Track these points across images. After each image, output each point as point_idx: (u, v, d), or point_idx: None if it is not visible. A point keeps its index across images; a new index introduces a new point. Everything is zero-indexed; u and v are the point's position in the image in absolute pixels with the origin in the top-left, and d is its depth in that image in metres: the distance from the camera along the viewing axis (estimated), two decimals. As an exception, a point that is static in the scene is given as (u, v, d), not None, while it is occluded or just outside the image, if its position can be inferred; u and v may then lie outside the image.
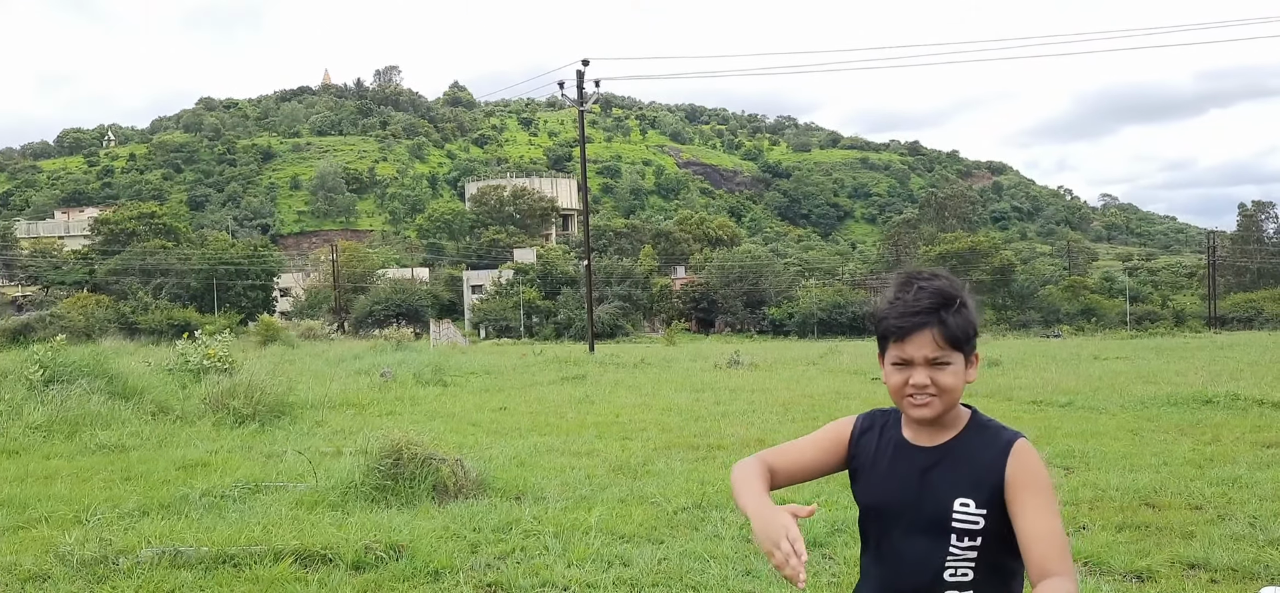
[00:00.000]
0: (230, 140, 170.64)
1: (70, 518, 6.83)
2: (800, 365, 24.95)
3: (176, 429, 11.56)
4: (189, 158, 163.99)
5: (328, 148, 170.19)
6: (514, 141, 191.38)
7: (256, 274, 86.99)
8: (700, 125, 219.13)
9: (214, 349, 17.80)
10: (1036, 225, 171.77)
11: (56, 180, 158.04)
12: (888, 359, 2.09)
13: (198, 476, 8.56)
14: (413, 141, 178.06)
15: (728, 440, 10.95)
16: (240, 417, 12.23)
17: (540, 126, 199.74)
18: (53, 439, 10.64)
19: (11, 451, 10.02)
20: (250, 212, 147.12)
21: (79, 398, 12.19)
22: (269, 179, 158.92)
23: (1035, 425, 11.87)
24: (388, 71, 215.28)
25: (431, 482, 7.96)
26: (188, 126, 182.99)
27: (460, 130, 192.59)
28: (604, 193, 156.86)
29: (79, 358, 14.33)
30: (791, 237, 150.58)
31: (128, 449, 10.14)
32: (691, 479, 8.46)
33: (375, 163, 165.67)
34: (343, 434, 11.56)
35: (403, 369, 21.00)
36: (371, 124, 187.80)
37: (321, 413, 13.80)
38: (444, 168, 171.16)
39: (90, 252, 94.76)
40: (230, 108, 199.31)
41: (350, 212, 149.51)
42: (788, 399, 15.66)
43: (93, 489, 7.88)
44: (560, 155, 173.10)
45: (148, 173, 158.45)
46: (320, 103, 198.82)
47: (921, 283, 2.08)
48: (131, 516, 6.92)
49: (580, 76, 32.93)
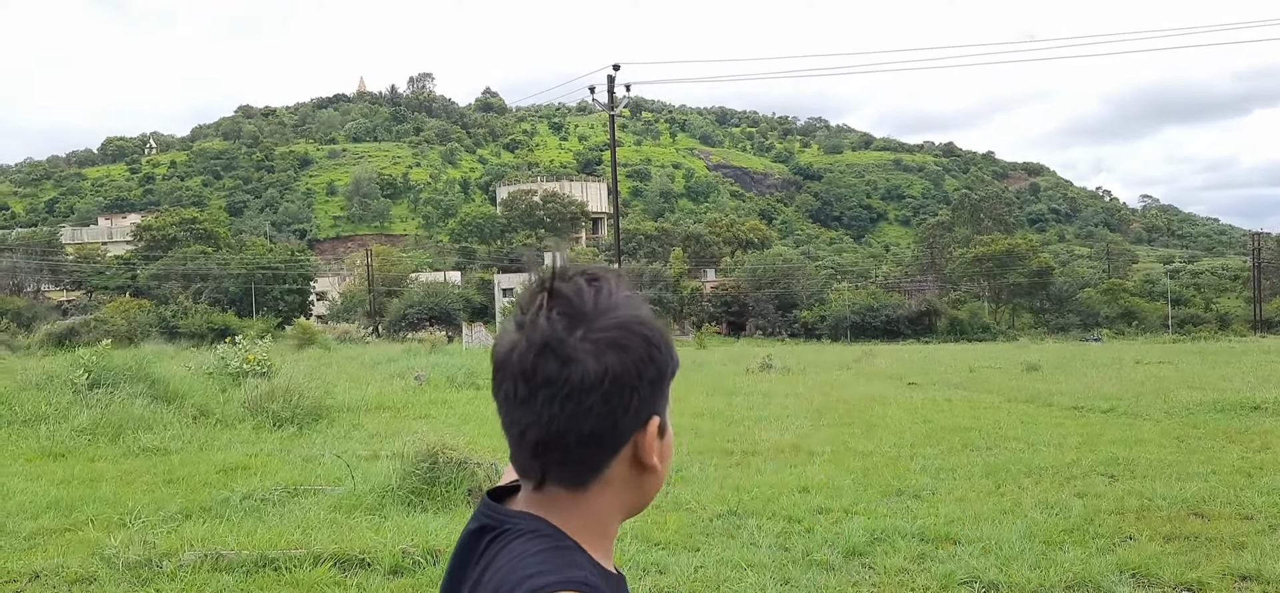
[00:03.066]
0: (268, 147, 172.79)
1: (115, 520, 6.92)
2: (834, 370, 24.80)
3: (217, 433, 11.70)
4: (228, 164, 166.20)
5: (363, 154, 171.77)
6: (544, 146, 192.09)
7: (293, 278, 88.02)
8: (730, 128, 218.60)
9: (253, 353, 18.00)
10: (1074, 227, 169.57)
11: (100, 187, 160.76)
12: (666, 415, 1.14)
13: (238, 479, 8.65)
14: (445, 147, 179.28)
15: (762, 446, 10.89)
16: (279, 420, 12.35)
17: (570, 131, 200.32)
18: (98, 442, 10.81)
19: (58, 453, 10.19)
20: (288, 217, 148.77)
21: (123, 402, 12.38)
22: (306, 185, 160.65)
23: (1077, 432, 11.70)
24: (421, 79, 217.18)
25: (467, 486, 7.99)
26: (227, 134, 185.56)
27: (492, 135, 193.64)
28: (634, 196, 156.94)
29: (122, 362, 14.56)
30: (823, 239, 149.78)
31: (170, 452, 10.27)
32: (726, 486, 8.42)
33: (409, 168, 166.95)
34: (379, 438, 11.64)
35: (436, 372, 21.12)
36: (405, 130, 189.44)
37: (358, 416, 13.91)
38: (476, 173, 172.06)
39: (132, 257, 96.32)
40: (268, 115, 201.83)
41: (384, 216, 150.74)
42: (822, 404, 15.55)
43: (136, 492, 7.99)
44: (590, 159, 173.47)
45: (188, 179, 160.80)
46: (356, 110, 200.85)
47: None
48: (174, 518, 7.02)
49: (611, 81, 32.98)
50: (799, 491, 8.19)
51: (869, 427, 12.62)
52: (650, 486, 1.13)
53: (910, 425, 12.68)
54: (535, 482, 1.10)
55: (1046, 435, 11.42)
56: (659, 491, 1.16)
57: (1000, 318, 77.33)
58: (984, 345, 51.13)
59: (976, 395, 17.08)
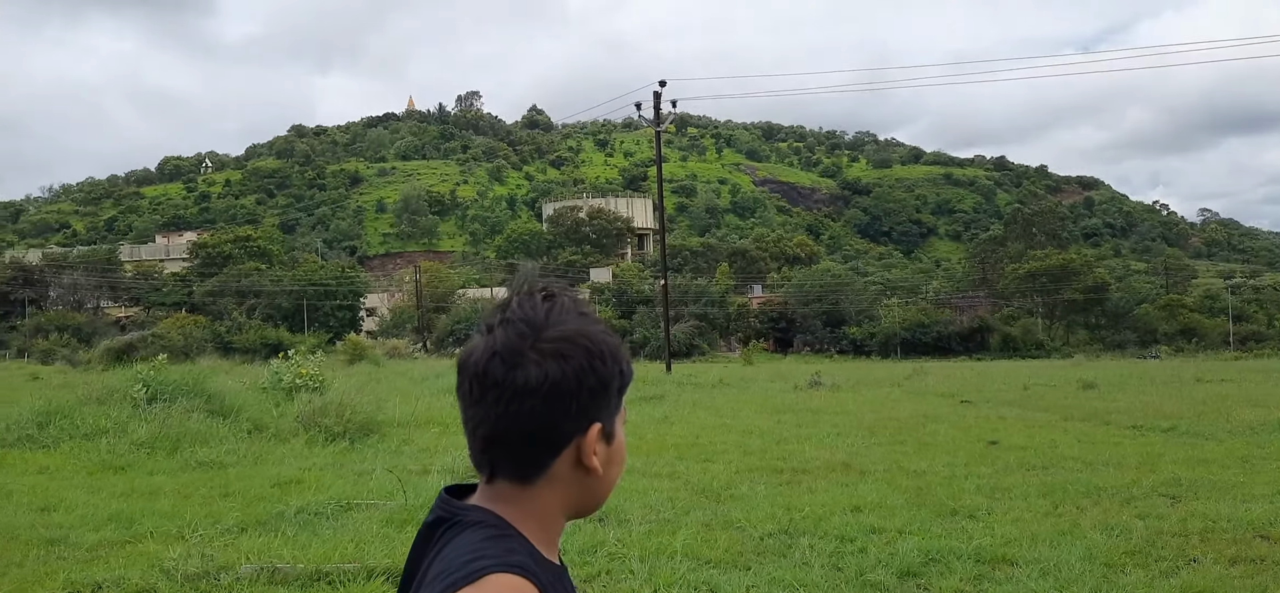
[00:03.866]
0: (320, 166, 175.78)
1: (173, 533, 7.05)
2: (884, 387, 24.52)
3: (271, 447, 11.88)
4: (281, 183, 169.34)
5: (411, 172, 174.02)
6: (590, 162, 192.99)
7: (344, 295, 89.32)
8: (777, 143, 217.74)
9: (305, 369, 18.24)
10: (1130, 242, 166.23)
11: (158, 206, 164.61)
12: (620, 418, 1.28)
13: (292, 493, 8.76)
14: (492, 164, 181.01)
15: (812, 465, 10.79)
16: (331, 435, 12.50)
17: (616, 147, 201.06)
18: (156, 456, 11.02)
19: (118, 466, 10.41)
20: (338, 234, 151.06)
21: (180, 416, 12.62)
22: (356, 203, 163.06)
23: (1136, 452, 11.44)
24: (468, 97, 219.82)
25: (517, 502, 8.03)
26: (280, 153, 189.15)
27: (538, 152, 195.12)
28: (679, 212, 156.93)
29: (179, 377, 14.86)
30: (872, 255, 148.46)
31: (226, 466, 10.44)
32: (776, 504, 8.34)
33: (456, 185, 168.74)
34: (429, 453, 11.72)
35: (485, 388, 21.20)
36: (453, 148, 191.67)
37: (408, 431, 14.03)
38: (522, 189, 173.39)
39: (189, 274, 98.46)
40: (320, 134, 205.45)
41: (432, 233, 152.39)
42: (873, 422, 15.38)
43: (194, 505, 8.13)
44: (635, 175, 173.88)
45: (242, 198, 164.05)
46: (405, 128, 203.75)
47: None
48: (231, 532, 7.12)
49: (657, 98, 33.07)
50: (851, 510, 8.09)
51: (921, 445, 12.45)
52: (596, 487, 1.23)
53: (964, 444, 12.48)
54: (486, 476, 1.21)
55: (1105, 455, 11.18)
56: (608, 493, 1.26)
57: (1054, 335, 75.95)
58: (1038, 363, 50.27)
59: (1031, 414, 16.78)
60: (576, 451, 1.19)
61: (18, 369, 44.21)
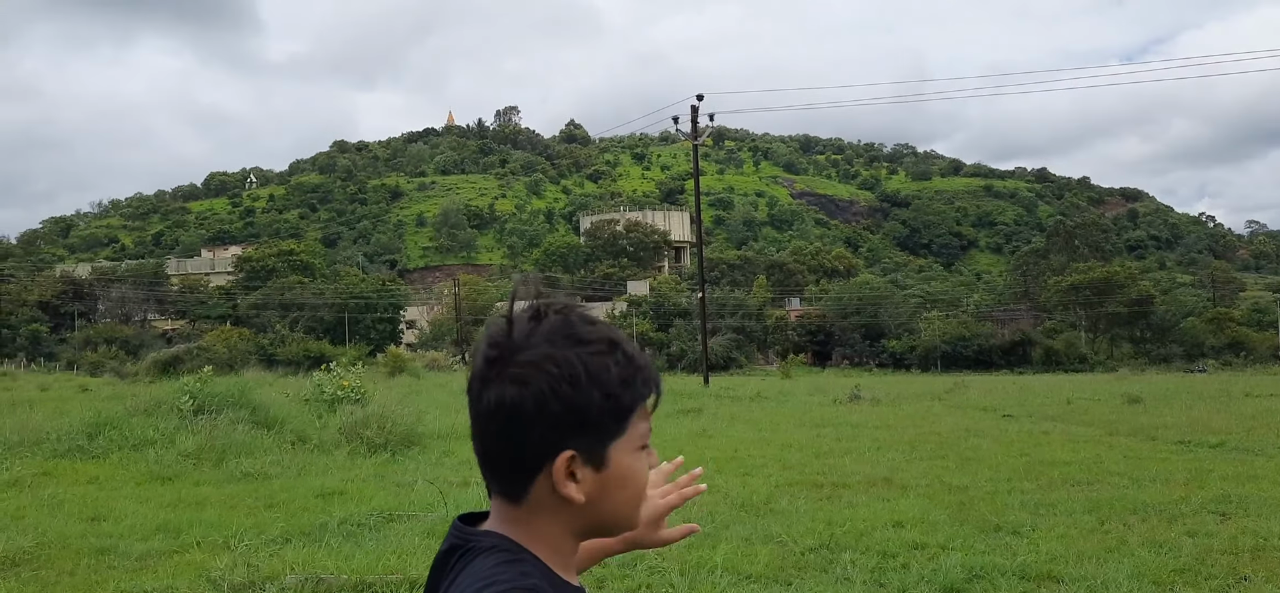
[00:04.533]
0: (361, 180, 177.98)
1: (220, 543, 7.16)
2: (925, 401, 24.29)
3: (314, 458, 12.02)
4: (323, 198, 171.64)
5: (451, 186, 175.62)
6: (627, 176, 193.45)
7: (384, 308, 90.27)
8: (814, 155, 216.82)
9: (347, 381, 18.45)
10: (1176, 254, 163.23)
11: (204, 220, 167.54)
12: (628, 448, 1.20)
13: (335, 504, 8.86)
14: (530, 178, 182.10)
15: (853, 479, 10.71)
16: (373, 446, 12.63)
17: (653, 160, 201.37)
18: (202, 467, 11.19)
19: (165, 477, 10.59)
20: (379, 248, 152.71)
21: (225, 427, 12.81)
22: (397, 217, 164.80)
23: (1184, 468, 11.23)
24: (507, 112, 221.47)
25: (557, 514, 8.06)
26: (322, 168, 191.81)
27: (575, 166, 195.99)
28: (716, 225, 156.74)
29: (225, 389, 15.09)
30: (912, 267, 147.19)
31: (270, 477, 10.58)
32: (817, 519, 8.29)
33: (495, 199, 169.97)
34: (469, 465, 11.78)
35: (524, 401, 21.29)
36: (491, 162, 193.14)
37: (448, 443, 14.12)
38: (560, 203, 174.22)
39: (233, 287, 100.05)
40: (361, 149, 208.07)
41: (471, 247, 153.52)
42: (914, 437, 15.24)
43: (239, 516, 8.25)
44: (672, 188, 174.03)
45: (286, 212, 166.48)
46: (444, 143, 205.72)
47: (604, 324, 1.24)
48: (276, 542, 7.22)
49: (694, 111, 33.12)
50: (892, 525, 8.02)
51: (963, 460, 12.32)
52: (593, 513, 1.19)
53: (1007, 459, 12.33)
54: (490, 492, 1.21)
55: (1151, 471, 10.99)
56: (621, 519, 1.22)
57: (1098, 348, 74.75)
58: (1081, 377, 49.50)
59: (1075, 429, 16.54)
60: (550, 477, 1.16)
61: (67, 381, 45.09)
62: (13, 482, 10.08)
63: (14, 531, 7.40)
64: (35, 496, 9.25)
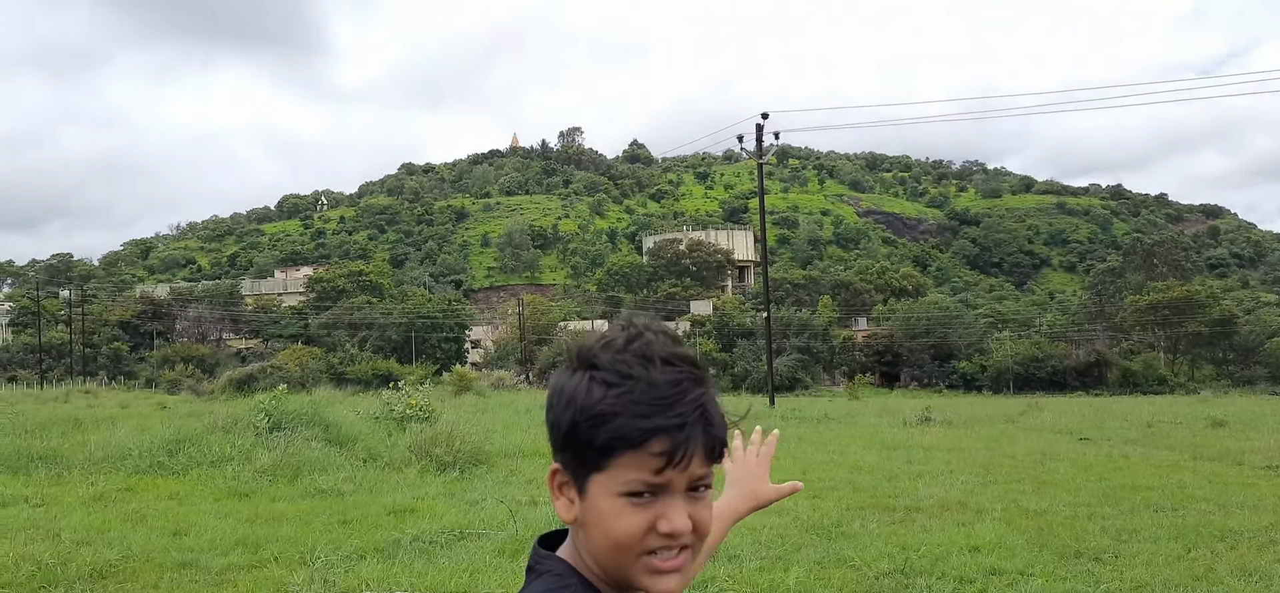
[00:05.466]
0: (428, 202, 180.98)
1: (297, 559, 7.28)
2: (997, 423, 23.75)
3: (386, 475, 12.18)
4: (391, 219, 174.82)
5: (515, 206, 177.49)
6: (690, 195, 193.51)
7: (450, 327, 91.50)
8: (881, 173, 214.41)
9: (415, 399, 18.70)
10: (1260, 273, 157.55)
11: (277, 242, 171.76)
12: (607, 489, 1.17)
13: (407, 521, 8.96)
14: (593, 198, 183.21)
15: (926, 502, 10.50)
16: (442, 465, 12.75)
17: (716, 180, 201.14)
18: (277, 483, 11.41)
19: (243, 493, 10.82)
20: (445, 268, 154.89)
21: (300, 444, 13.06)
22: (462, 237, 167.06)
23: (1274, 494, 10.80)
24: (571, 132, 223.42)
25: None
26: (391, 190, 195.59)
27: (638, 186, 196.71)
28: (781, 244, 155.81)
29: (298, 407, 15.41)
30: (982, 286, 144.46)
31: (344, 494, 10.74)
32: (891, 542, 8.14)
33: (558, 219, 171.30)
34: (536, 484, 11.84)
35: (589, 421, 21.34)
36: (555, 183, 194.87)
37: (515, 462, 14.20)
38: (623, 223, 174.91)
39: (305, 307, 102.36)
40: (428, 172, 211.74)
41: (535, 267, 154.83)
42: (987, 460, 14.89)
43: (314, 532, 8.38)
44: (736, 207, 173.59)
45: (355, 234, 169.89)
46: (509, 164, 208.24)
47: (660, 352, 1.19)
48: (351, 558, 7.31)
49: (759, 130, 33.02)
50: (969, 550, 7.83)
51: (1040, 484, 12.00)
52: (584, 538, 1.21)
53: (1085, 483, 11.98)
54: None
55: (1239, 497, 10.58)
56: (601, 557, 1.19)
57: (1178, 370, 72.46)
58: (1161, 399, 47.97)
59: (1156, 453, 16.01)
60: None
61: (146, 398, 46.50)
62: (97, 497, 10.39)
63: (100, 544, 7.62)
64: (119, 510, 9.52)
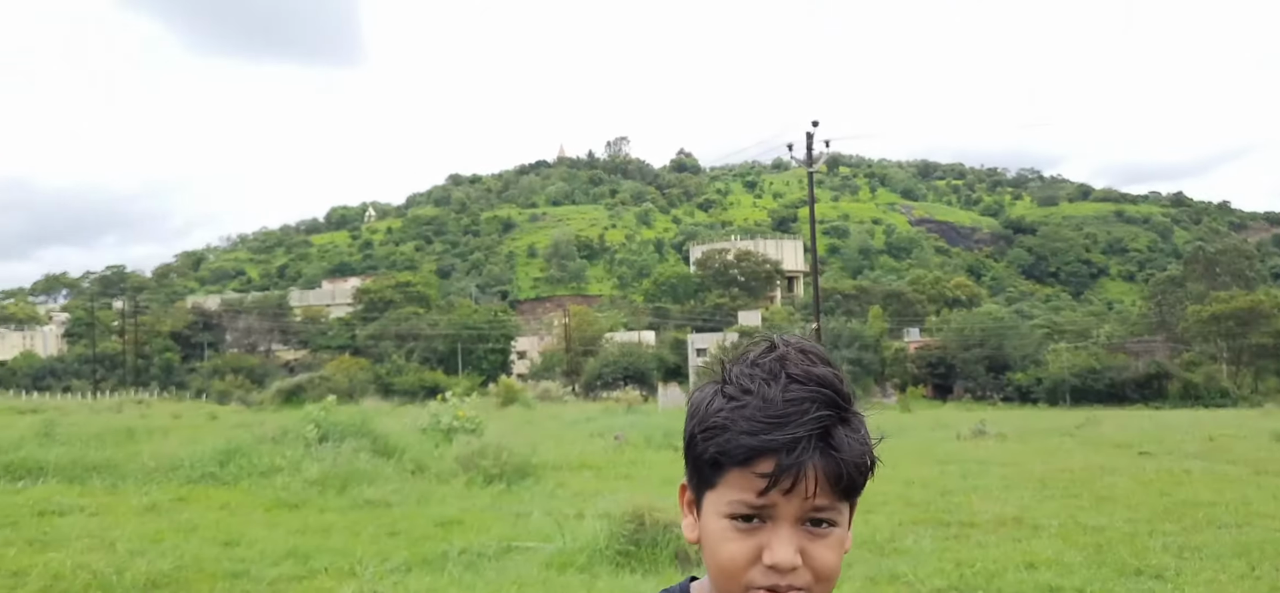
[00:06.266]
0: (474, 213, 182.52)
1: (346, 570, 7.30)
2: (1054, 437, 23.26)
3: (433, 487, 12.21)
4: (438, 230, 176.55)
5: (561, 217, 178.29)
6: (738, 204, 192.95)
7: (496, 338, 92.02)
8: (934, 181, 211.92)
9: (462, 411, 18.78)
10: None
11: (325, 253, 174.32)
12: (715, 507, 1.11)
13: (455, 533, 8.96)
14: (640, 208, 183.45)
15: (980, 518, 10.27)
16: (489, 477, 12.76)
17: (764, 189, 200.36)
18: (326, 493, 11.49)
19: (292, 503, 10.91)
20: (491, 279, 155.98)
21: (348, 456, 13.15)
22: (508, 248, 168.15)
23: (1350, 513, 10.39)
24: (618, 142, 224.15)
25: (673, 549, 7.94)
26: (438, 201, 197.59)
27: (686, 195, 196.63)
28: (831, 254, 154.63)
29: (347, 418, 15.54)
30: (1038, 296, 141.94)
31: (391, 505, 10.79)
32: (945, 559, 7.95)
33: (605, 230, 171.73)
34: (583, 496, 11.80)
35: (634, 432, 21.32)
36: (602, 192, 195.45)
37: (562, 474, 14.18)
38: (670, 233, 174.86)
39: (352, 318, 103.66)
40: (475, 182, 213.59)
41: (581, 277, 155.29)
42: (1044, 474, 14.56)
43: (363, 543, 8.41)
44: (785, 217, 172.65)
45: (402, 245, 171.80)
46: (555, 174, 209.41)
47: (792, 368, 1.10)
48: (399, 570, 7.32)
49: (810, 138, 32.78)
50: (1025, 567, 7.64)
51: (1098, 499, 11.69)
52: (705, 561, 1.14)
53: (1145, 499, 11.64)
54: None
55: (1309, 514, 10.19)
56: (716, 576, 1.12)
57: (1241, 382, 70.42)
58: (1224, 412, 46.70)
59: (1218, 467, 15.53)
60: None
61: (197, 408, 47.37)
62: (151, 506, 10.54)
63: (154, 554, 7.70)
64: (172, 520, 9.64)
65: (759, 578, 1.07)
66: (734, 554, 1.08)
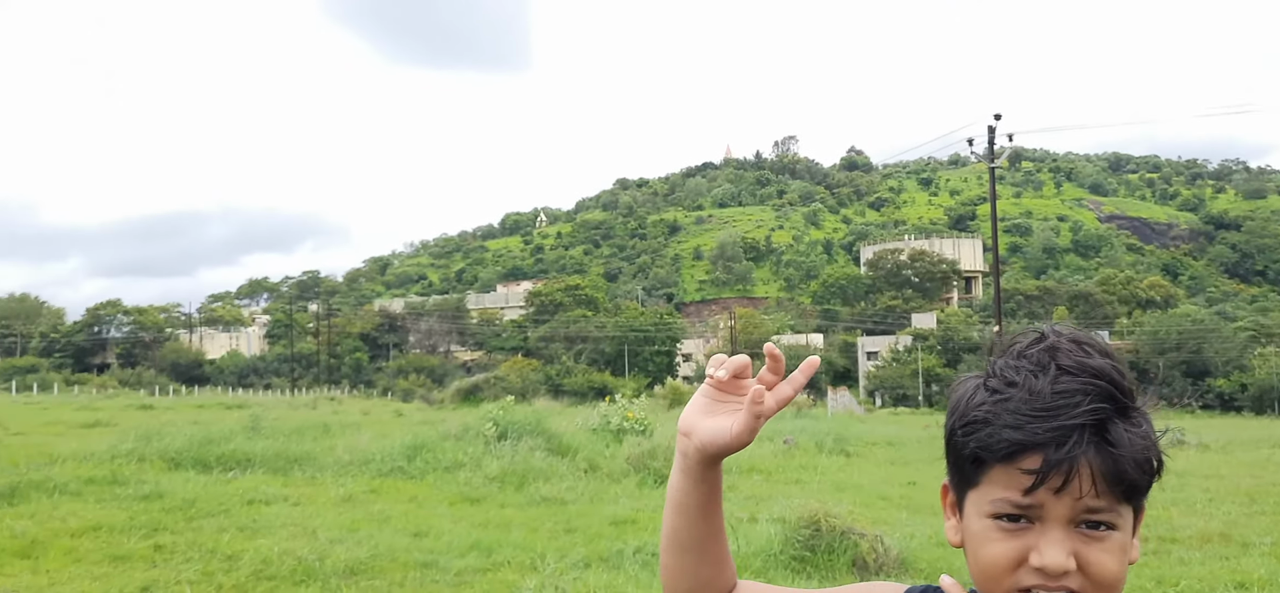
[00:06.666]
0: (641, 216, 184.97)
1: (526, 564, 7.53)
2: (1263, 448, 21.45)
3: (605, 486, 12.45)
4: (606, 234, 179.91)
5: (728, 219, 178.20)
6: (912, 203, 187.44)
7: (662, 340, 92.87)
8: (1125, 175, 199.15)
9: (631, 412, 19.06)
10: None
11: (499, 257, 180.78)
12: (978, 507, 1.05)
13: (629, 532, 9.09)
14: (808, 208, 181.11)
15: (1183, 533, 9.58)
16: (660, 477, 12.89)
17: (940, 186, 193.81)
18: (505, 489, 11.91)
19: (474, 498, 11.37)
20: (657, 282, 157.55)
21: (525, 454, 13.60)
22: (674, 250, 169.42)
23: None
24: (785, 141, 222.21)
25: (851, 556, 7.79)
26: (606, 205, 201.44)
27: (856, 194, 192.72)
28: (1012, 253, 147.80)
29: (523, 417, 16.06)
30: (1243, 297, 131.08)
31: (567, 502, 11.07)
32: (1145, 576, 7.46)
33: (772, 231, 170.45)
34: (754, 500, 11.74)
35: (803, 436, 21.06)
36: (769, 193, 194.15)
37: (731, 478, 14.15)
38: (839, 233, 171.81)
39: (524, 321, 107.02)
40: (642, 186, 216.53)
41: (747, 279, 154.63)
42: (1252, 488, 13.45)
43: (541, 539, 8.66)
44: (962, 215, 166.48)
45: (571, 249, 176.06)
46: (722, 176, 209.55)
47: (1064, 359, 1.01)
48: (577, 566, 7.49)
49: (991, 132, 31.41)
50: (1235, 587, 7.11)
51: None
52: (969, 565, 1.09)
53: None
54: None
55: None
56: (979, 580, 1.06)
57: None
58: None
59: None
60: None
61: (384, 405, 49.99)
62: (346, 498, 11.20)
63: (351, 542, 8.18)
64: (366, 511, 10.22)
65: (1027, 579, 1.00)
66: (997, 557, 1.01)
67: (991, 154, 31.16)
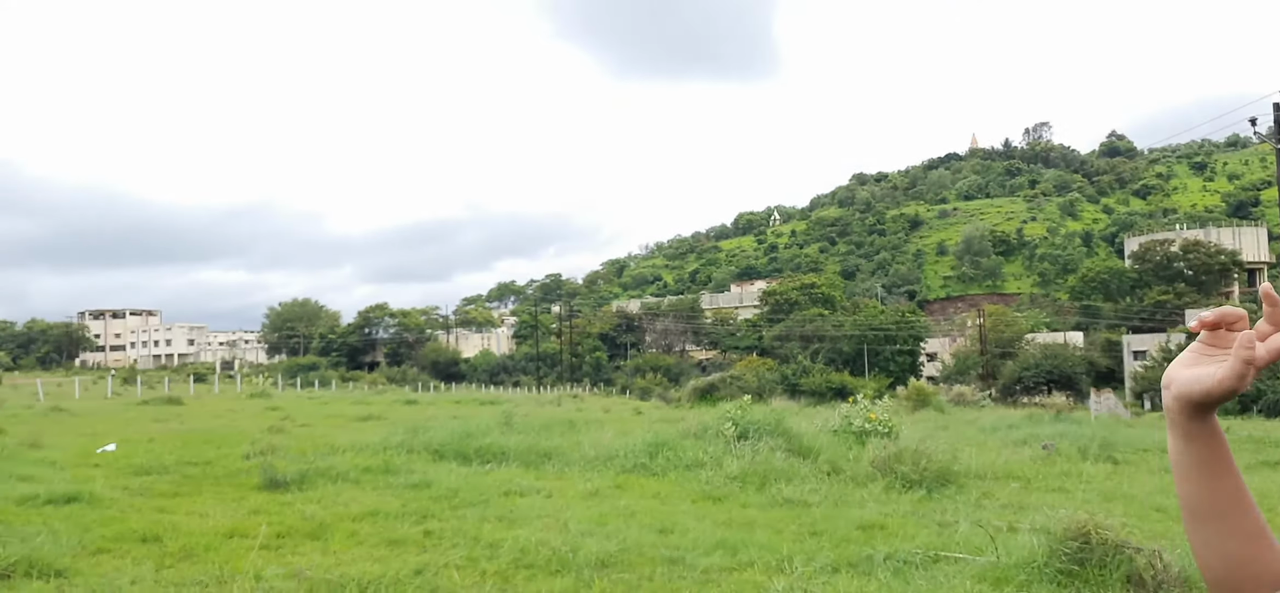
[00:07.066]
0: (880, 211, 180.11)
1: (773, 566, 7.43)
2: None
3: (849, 490, 12.10)
4: (842, 231, 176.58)
5: (974, 212, 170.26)
6: (1184, 189, 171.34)
7: (903, 339, 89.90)
8: None
9: (874, 413, 18.46)
10: None
11: (733, 257, 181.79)
12: None
13: (877, 537, 8.78)
14: (1064, 198, 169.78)
15: None
16: (908, 482, 12.38)
17: (1217, 170, 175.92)
18: (746, 489, 11.84)
19: (715, 497, 11.38)
20: (897, 279, 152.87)
21: (765, 454, 13.48)
22: (916, 246, 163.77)
23: None
24: (1037, 128, 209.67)
25: (1125, 572, 7.13)
26: (841, 201, 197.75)
27: (1118, 182, 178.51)
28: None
29: (762, 417, 15.94)
30: None
31: (809, 505, 10.85)
32: None
33: (1023, 223, 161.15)
34: (1012, 509, 11.03)
35: (1064, 442, 19.59)
36: (1019, 184, 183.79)
37: (986, 484, 13.38)
38: (1099, 224, 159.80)
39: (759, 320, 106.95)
40: (880, 180, 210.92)
41: (996, 275, 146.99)
42: None
43: (786, 541, 8.52)
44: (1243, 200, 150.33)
45: (806, 247, 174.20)
46: (967, 167, 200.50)
47: None
48: (825, 570, 7.30)
49: (1277, 109, 28.10)
50: None
51: None
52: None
53: None
54: None
55: None
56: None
57: None
58: None
59: None
60: None
61: (623, 403, 51.33)
62: (593, 492, 11.54)
63: (600, 535, 8.40)
64: (613, 505, 10.47)
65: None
66: None
67: (1278, 134, 27.82)
